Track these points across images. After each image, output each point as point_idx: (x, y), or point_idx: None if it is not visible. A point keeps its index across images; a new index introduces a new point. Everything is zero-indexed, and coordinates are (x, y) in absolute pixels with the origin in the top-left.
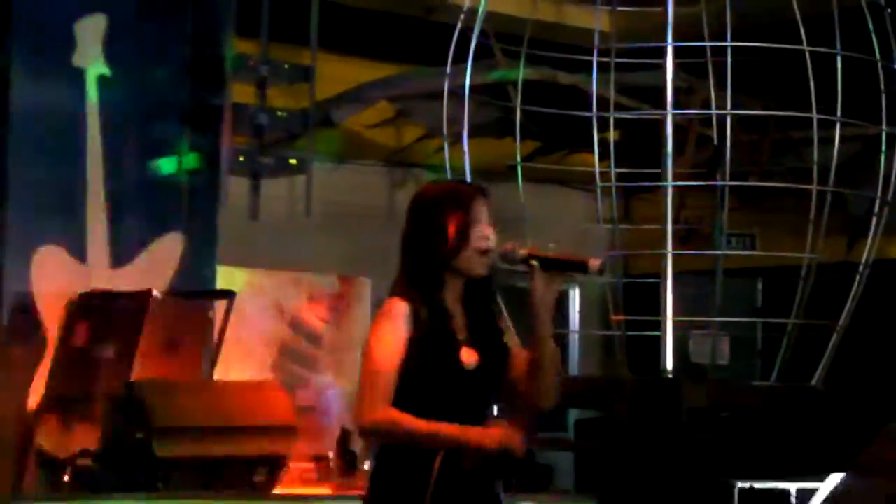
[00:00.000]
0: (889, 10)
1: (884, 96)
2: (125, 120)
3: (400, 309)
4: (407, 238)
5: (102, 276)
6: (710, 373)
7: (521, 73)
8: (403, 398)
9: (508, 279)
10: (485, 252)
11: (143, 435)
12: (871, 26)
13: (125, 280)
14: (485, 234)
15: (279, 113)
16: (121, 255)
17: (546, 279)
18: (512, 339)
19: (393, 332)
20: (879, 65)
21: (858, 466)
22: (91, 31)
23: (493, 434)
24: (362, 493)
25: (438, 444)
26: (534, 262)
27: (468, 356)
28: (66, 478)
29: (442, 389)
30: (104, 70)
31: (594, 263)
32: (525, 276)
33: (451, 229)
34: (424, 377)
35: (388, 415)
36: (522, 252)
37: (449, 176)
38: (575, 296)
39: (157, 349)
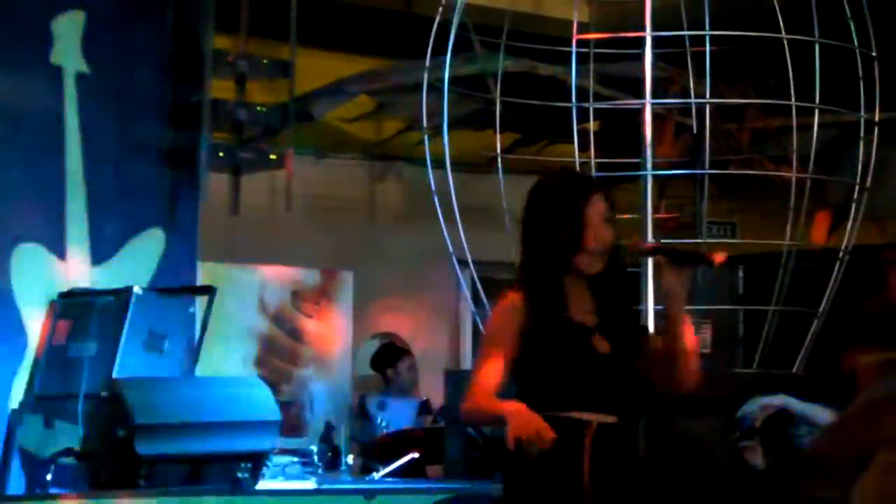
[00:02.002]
0: None
1: (862, 83)
2: (104, 117)
3: (513, 301)
4: (524, 232)
5: (82, 273)
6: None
7: (501, 64)
8: (537, 388)
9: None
10: (602, 253)
11: (125, 432)
12: (848, 13)
13: (105, 277)
14: (598, 234)
15: (259, 108)
16: (101, 252)
17: (675, 270)
18: (646, 328)
19: (502, 324)
20: (857, 52)
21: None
22: (69, 28)
23: (528, 417)
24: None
25: (499, 424)
26: (661, 258)
27: (599, 342)
28: (48, 477)
29: (568, 375)
30: (82, 67)
31: (719, 258)
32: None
33: (567, 231)
34: (548, 364)
35: (470, 403)
36: (647, 246)
37: (430, 171)
38: None
39: (139, 346)
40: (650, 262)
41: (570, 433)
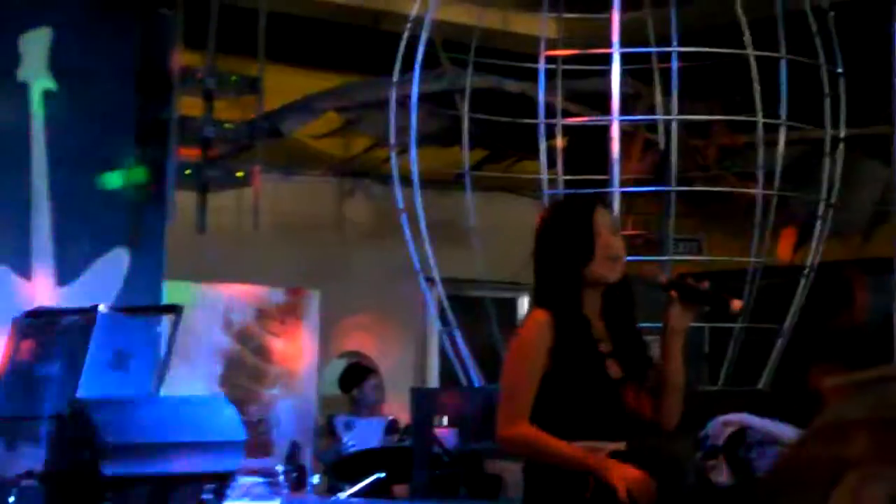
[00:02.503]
0: (833, 15)
1: (827, 100)
2: (71, 134)
3: (541, 317)
4: (537, 258)
5: (48, 292)
6: None
7: (469, 81)
8: (549, 408)
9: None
10: (614, 259)
11: (90, 453)
12: (815, 31)
13: (71, 296)
14: (608, 241)
15: (226, 125)
16: (66, 271)
17: (683, 309)
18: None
19: (533, 343)
20: (823, 69)
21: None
22: (36, 45)
23: (627, 474)
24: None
25: (568, 468)
26: (674, 293)
27: (612, 368)
28: (11, 499)
29: (588, 401)
30: (49, 84)
31: (737, 305)
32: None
33: (577, 241)
34: (570, 388)
35: (522, 432)
36: (663, 279)
37: (398, 187)
38: (523, 304)
39: (104, 365)
40: None
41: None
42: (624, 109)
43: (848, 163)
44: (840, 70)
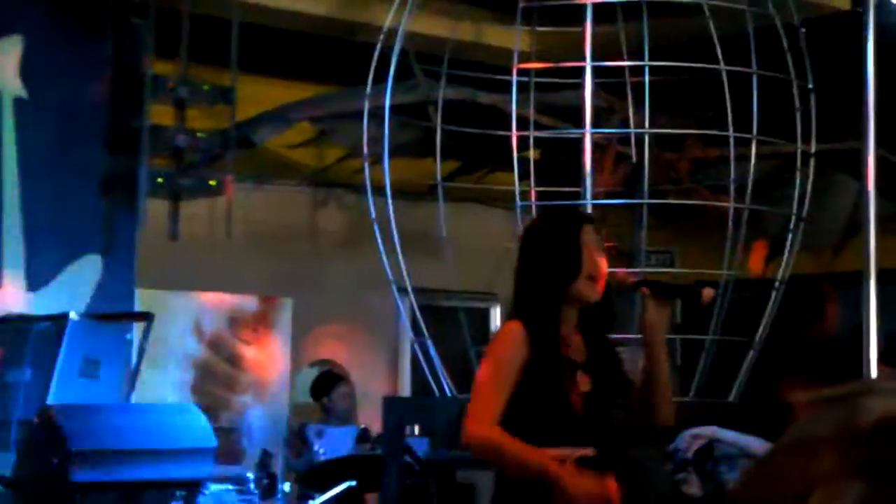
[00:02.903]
0: (803, 30)
1: (798, 115)
2: (42, 142)
3: (515, 330)
4: (519, 269)
5: (19, 298)
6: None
7: (442, 92)
8: (518, 420)
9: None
10: (597, 278)
11: (60, 459)
12: (785, 46)
13: (42, 303)
14: (594, 260)
15: (199, 134)
16: (37, 278)
17: (658, 305)
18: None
19: (508, 352)
20: (794, 84)
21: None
22: (7, 53)
23: (584, 487)
24: None
25: (528, 475)
26: (645, 290)
27: (582, 382)
28: None
29: (556, 415)
30: (20, 91)
31: (708, 293)
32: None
33: (562, 257)
34: (539, 401)
35: (488, 434)
36: (631, 280)
37: (370, 198)
38: (495, 314)
39: (75, 372)
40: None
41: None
42: (597, 122)
43: (819, 177)
44: (811, 86)
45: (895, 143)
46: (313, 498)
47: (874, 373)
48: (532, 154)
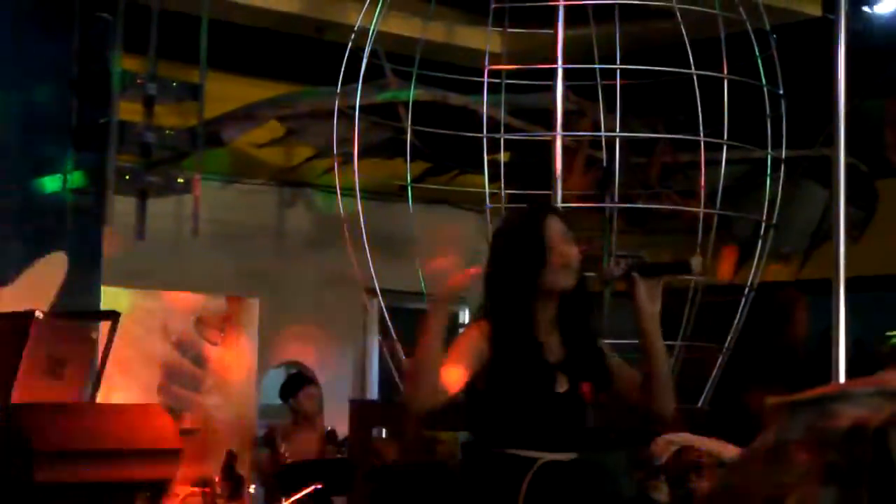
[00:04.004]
0: (774, 37)
1: (769, 120)
2: (8, 137)
3: (476, 326)
4: (488, 268)
5: None
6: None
7: (412, 93)
8: (491, 422)
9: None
10: (566, 267)
11: (23, 460)
12: (756, 51)
13: (6, 300)
14: (560, 249)
15: (167, 131)
16: (2, 275)
17: (648, 289)
18: (613, 359)
19: (462, 342)
20: (765, 89)
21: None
22: None
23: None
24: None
25: (427, 342)
26: (634, 274)
27: (561, 383)
28: None
29: (532, 413)
30: None
31: (696, 261)
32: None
33: (526, 250)
34: (514, 400)
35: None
36: (621, 266)
37: (339, 198)
38: (465, 316)
39: (39, 371)
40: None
41: (512, 471)
42: (567, 125)
43: (789, 184)
44: (781, 91)
45: (864, 152)
46: (279, 500)
47: (843, 379)
48: (502, 156)
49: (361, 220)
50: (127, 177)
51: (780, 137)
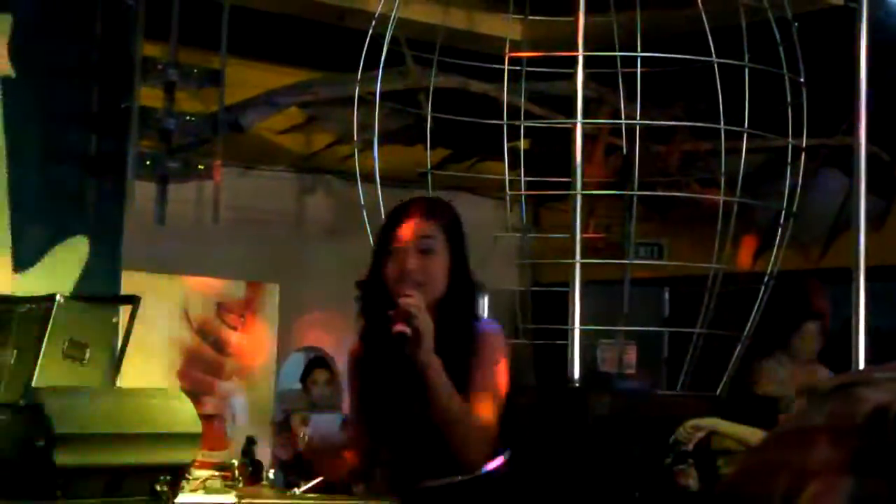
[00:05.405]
0: (796, 25)
1: (790, 109)
2: (30, 122)
3: (355, 350)
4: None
5: (4, 279)
6: (617, 382)
7: (433, 80)
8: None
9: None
10: (397, 278)
11: (44, 442)
12: (778, 39)
13: (28, 284)
14: (399, 264)
15: (188, 117)
16: (23, 259)
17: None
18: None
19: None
20: (786, 78)
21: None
22: None
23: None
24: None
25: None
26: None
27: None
28: None
29: (390, 441)
30: (9, 71)
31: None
32: None
33: (375, 262)
34: (377, 426)
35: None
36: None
37: (360, 185)
38: (484, 304)
39: (60, 355)
40: (577, 280)
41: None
42: (587, 113)
43: (809, 173)
44: (802, 80)
45: (887, 140)
46: (298, 485)
47: (862, 366)
48: (522, 143)
49: (381, 206)
50: (148, 162)
51: (801, 126)
